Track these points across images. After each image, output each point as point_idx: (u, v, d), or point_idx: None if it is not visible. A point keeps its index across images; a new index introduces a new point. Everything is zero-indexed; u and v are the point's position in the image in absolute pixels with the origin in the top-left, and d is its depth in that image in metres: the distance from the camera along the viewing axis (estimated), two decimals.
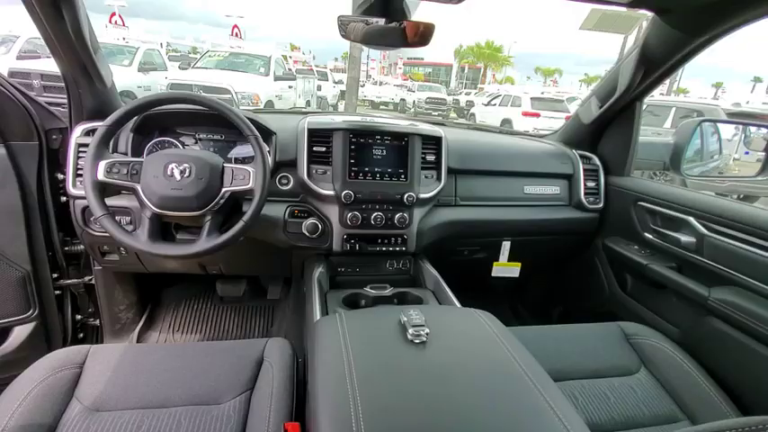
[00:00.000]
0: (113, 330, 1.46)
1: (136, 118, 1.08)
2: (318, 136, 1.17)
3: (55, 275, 1.27)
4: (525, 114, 10.00)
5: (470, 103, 15.48)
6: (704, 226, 1.14)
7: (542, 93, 12.10)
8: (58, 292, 1.30)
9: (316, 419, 0.57)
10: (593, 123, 1.44)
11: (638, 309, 1.36)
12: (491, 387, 0.63)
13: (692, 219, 1.17)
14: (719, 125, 2.16)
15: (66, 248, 1.28)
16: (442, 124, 1.49)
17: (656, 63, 1.17)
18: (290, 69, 8.67)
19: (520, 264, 1.47)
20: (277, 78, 7.56)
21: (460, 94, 21.80)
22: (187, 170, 0.93)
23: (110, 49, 7.32)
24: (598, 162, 1.49)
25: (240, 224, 0.96)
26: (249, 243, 1.22)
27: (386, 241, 1.21)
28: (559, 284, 1.77)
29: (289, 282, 1.73)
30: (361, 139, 1.18)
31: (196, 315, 1.67)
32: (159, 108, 1.04)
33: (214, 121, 1.16)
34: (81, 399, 0.81)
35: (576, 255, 1.61)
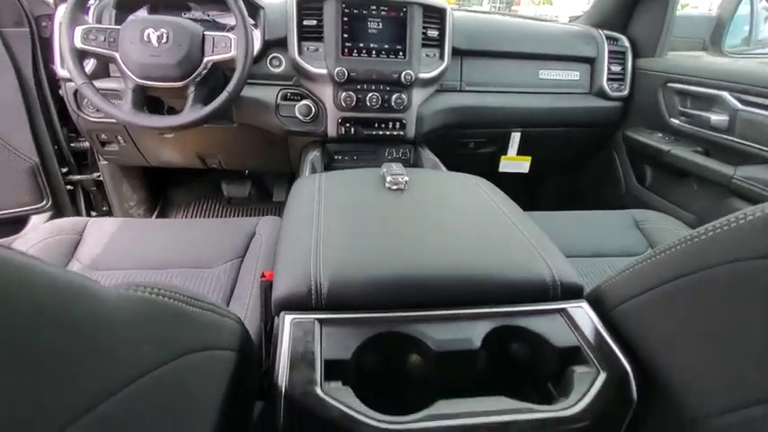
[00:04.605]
0: None
1: None
2: (309, 8, 1.08)
3: (64, 170, 1.30)
4: None
5: None
6: (739, 100, 1.01)
7: (583, 12, 10.92)
8: (69, 187, 1.34)
9: (278, 253, 0.56)
10: None
11: (656, 201, 1.27)
12: (472, 223, 0.60)
13: (725, 93, 1.04)
14: None
15: (73, 144, 1.30)
16: None
17: None
18: None
19: (530, 158, 1.39)
20: None
21: None
22: (165, 35, 0.89)
23: None
24: (627, 43, 1.33)
25: (224, 95, 0.93)
26: (243, 130, 1.20)
27: (383, 125, 1.15)
28: (573, 182, 1.67)
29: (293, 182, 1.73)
30: (355, 10, 1.08)
31: (204, 215, 1.71)
32: None
33: None
34: (80, 259, 0.84)
35: (594, 149, 1.50)
